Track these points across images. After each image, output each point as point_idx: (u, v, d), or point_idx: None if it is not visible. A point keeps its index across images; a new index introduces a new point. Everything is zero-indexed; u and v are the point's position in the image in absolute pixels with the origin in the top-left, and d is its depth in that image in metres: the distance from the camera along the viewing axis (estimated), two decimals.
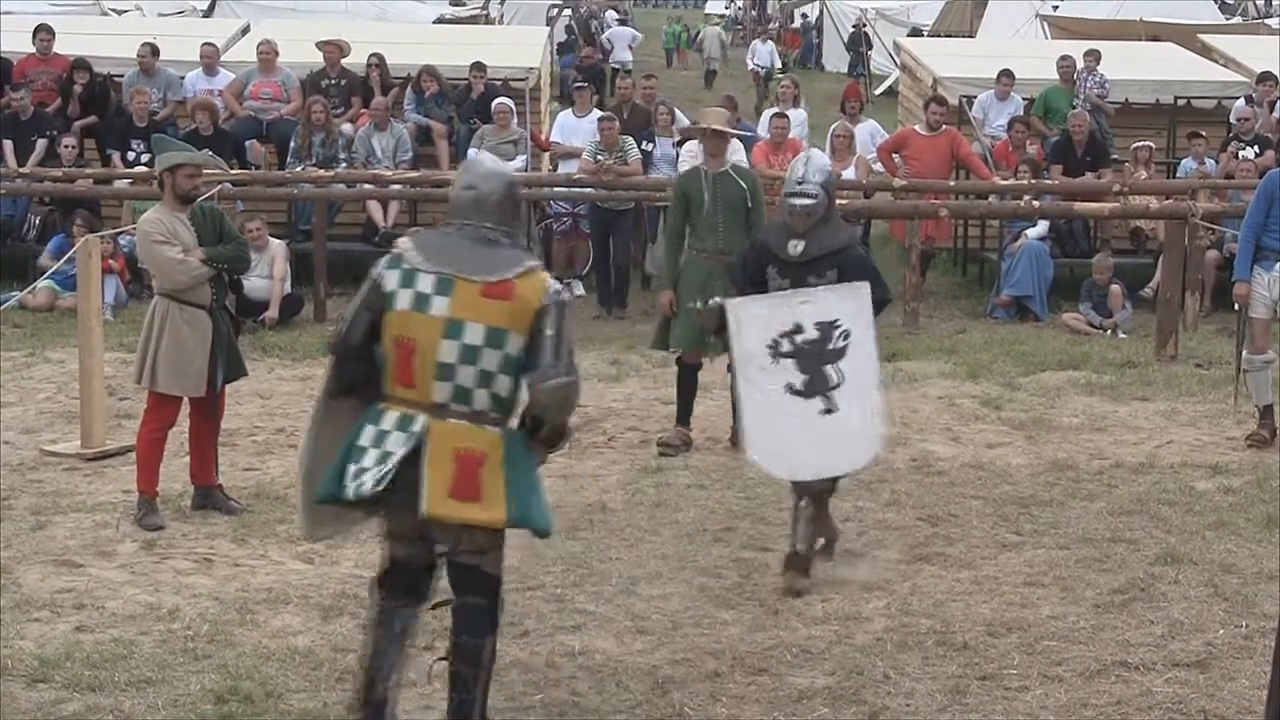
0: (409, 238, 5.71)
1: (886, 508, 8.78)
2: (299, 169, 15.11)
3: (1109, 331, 13.90)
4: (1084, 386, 11.71)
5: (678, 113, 16.10)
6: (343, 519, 5.76)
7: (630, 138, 15.01)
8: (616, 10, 45.12)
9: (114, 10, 24.85)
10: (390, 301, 5.52)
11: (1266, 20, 29.46)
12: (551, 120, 17.50)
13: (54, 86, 15.99)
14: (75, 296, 10.61)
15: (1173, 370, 12.21)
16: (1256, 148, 15.72)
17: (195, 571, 7.72)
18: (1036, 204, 14.44)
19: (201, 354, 8.38)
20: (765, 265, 7.98)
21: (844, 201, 13.01)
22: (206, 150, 9.89)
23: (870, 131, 16.35)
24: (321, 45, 16.19)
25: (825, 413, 7.53)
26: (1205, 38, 20.39)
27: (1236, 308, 10.56)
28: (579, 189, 14.96)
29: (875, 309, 7.74)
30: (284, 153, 15.59)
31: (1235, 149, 15.76)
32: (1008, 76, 16.65)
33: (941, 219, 14.92)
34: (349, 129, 15.70)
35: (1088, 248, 15.67)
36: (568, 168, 15.56)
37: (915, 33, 31.25)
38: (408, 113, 16.07)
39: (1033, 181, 14.82)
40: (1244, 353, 10.19)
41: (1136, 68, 17.95)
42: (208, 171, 9.37)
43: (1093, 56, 17.21)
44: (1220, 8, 31.51)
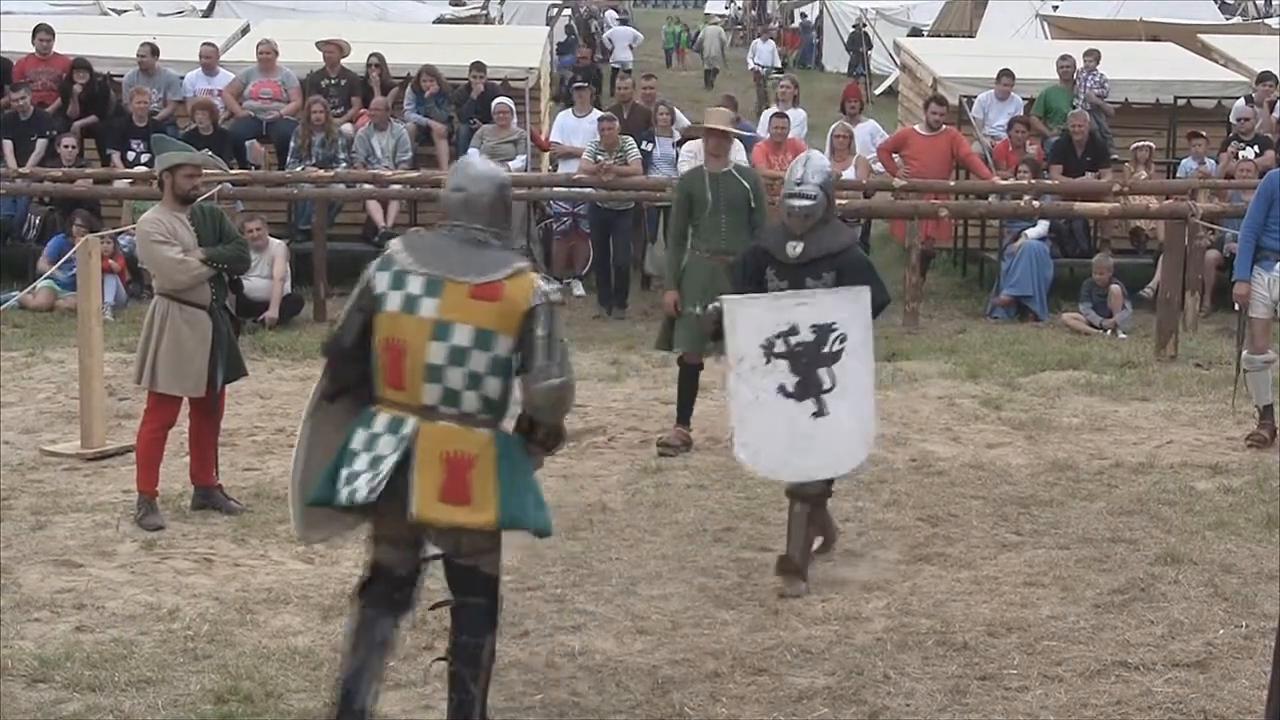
0: (400, 239, 5.71)
1: (886, 508, 8.78)
2: (299, 169, 15.11)
3: (1109, 331, 13.90)
4: (1084, 386, 11.70)
5: (678, 113, 16.10)
6: (335, 522, 5.74)
7: (630, 138, 15.00)
8: (617, 10, 45.09)
9: (114, 10, 24.85)
10: (381, 303, 5.51)
11: (1266, 20, 29.47)
12: (551, 120, 17.50)
13: (54, 86, 15.99)
14: (75, 296, 10.62)
15: (1173, 370, 12.21)
16: (1256, 148, 15.71)
17: (195, 571, 7.72)
18: (1036, 204, 14.43)
19: (201, 354, 8.38)
20: (764, 267, 7.96)
21: (844, 201, 13.01)
22: (206, 150, 9.90)
23: (870, 131, 16.34)
24: (321, 45, 16.18)
25: (815, 416, 7.50)
26: (1205, 38, 20.39)
27: (1236, 308, 10.57)
28: (579, 189, 14.96)
29: (874, 311, 7.71)
30: (284, 153, 15.59)
31: (1235, 149, 15.75)
32: (1008, 76, 16.65)
33: (941, 219, 14.91)
34: (349, 129, 15.70)
35: (1088, 248, 15.66)
36: (568, 168, 15.56)
37: (915, 33, 31.25)
38: (408, 113, 16.07)
39: (1033, 181, 14.81)
40: (1244, 353, 10.19)
41: (1136, 68, 17.95)
42: (208, 171, 9.37)
43: (1093, 56, 17.20)
44: (1220, 8, 31.51)
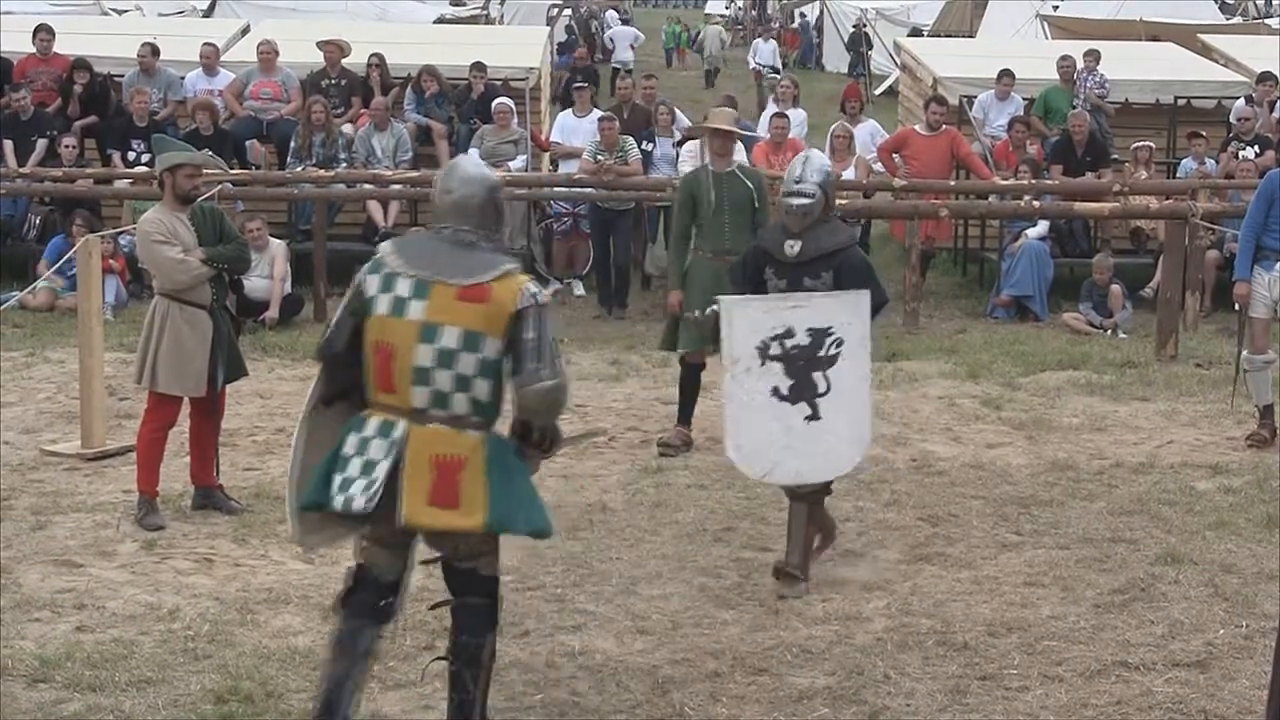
0: (391, 242, 5.70)
1: (886, 508, 8.78)
2: (299, 169, 15.11)
3: (1109, 331, 13.90)
4: (1084, 386, 11.70)
5: (678, 113, 16.10)
6: (331, 527, 5.71)
7: (630, 138, 15.01)
8: (618, 10, 45.10)
9: (114, 10, 24.85)
10: (371, 306, 5.51)
11: (1266, 20, 29.48)
12: (551, 120, 17.50)
13: (54, 86, 16.00)
14: (75, 296, 10.62)
15: (1173, 370, 12.21)
16: (1256, 148, 15.71)
17: (196, 571, 7.72)
18: (1036, 204, 14.44)
19: (202, 354, 8.38)
20: (763, 266, 7.96)
21: (844, 201, 13.01)
22: (206, 150, 9.89)
23: (870, 131, 16.34)
24: (321, 45, 16.19)
25: (809, 420, 7.47)
26: (1205, 38, 20.39)
27: (1236, 308, 10.57)
28: (579, 189, 14.96)
29: (872, 311, 7.69)
30: (284, 153, 15.59)
31: (1235, 149, 15.75)
32: (1008, 76, 16.65)
33: (941, 219, 14.91)
34: (349, 129, 15.70)
35: (1088, 248, 15.66)
36: (568, 168, 15.56)
37: (915, 33, 31.24)
38: (408, 113, 16.07)
39: (1033, 181, 14.82)
40: (1244, 353, 10.18)
41: (1136, 68, 17.95)
42: (208, 171, 9.37)
43: (1093, 56, 17.21)
44: (1220, 8, 31.51)
